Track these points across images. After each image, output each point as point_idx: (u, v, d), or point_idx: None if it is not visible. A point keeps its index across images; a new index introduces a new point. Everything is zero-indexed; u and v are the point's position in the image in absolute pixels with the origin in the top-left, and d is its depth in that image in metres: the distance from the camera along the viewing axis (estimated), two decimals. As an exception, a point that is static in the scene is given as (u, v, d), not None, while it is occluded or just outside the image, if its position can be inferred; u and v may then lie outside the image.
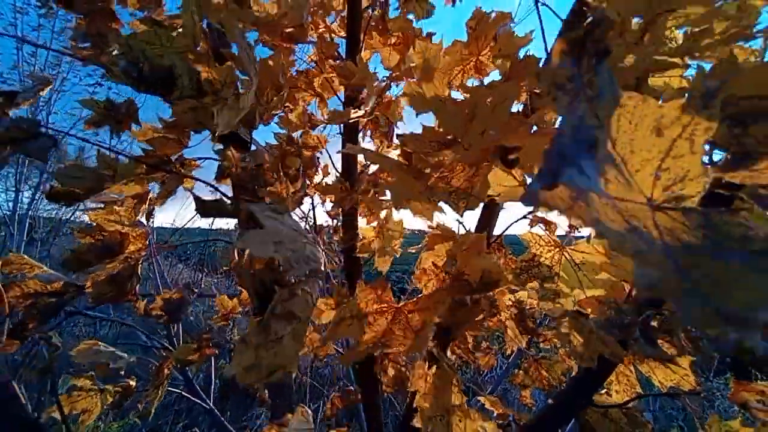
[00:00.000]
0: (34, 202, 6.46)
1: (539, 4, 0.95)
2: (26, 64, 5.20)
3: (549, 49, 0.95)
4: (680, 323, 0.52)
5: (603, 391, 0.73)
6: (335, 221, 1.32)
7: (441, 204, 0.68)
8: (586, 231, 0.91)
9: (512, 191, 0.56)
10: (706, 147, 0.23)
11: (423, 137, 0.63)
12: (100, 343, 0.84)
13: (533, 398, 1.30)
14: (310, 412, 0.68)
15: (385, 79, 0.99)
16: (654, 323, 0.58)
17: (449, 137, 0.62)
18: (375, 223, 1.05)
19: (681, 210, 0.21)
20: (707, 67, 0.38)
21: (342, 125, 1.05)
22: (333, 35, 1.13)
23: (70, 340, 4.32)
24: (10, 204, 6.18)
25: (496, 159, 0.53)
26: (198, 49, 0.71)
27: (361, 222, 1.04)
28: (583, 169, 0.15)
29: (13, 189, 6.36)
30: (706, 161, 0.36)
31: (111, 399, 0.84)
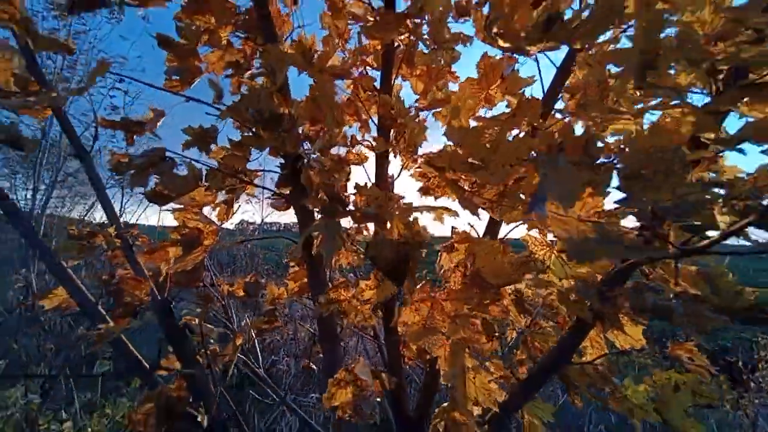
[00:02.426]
0: (48, 200, 6.66)
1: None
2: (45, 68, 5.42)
3: (546, 89, 1.18)
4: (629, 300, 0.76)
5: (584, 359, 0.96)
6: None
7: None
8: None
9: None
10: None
11: (453, 160, 0.86)
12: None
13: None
14: (368, 362, 0.91)
15: (414, 108, 1.22)
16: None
17: (476, 163, 0.85)
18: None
19: (592, 222, 0.45)
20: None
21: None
22: (369, 67, 1.37)
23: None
24: (24, 203, 6.40)
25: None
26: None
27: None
28: (543, 203, 0.38)
29: (32, 188, 6.56)
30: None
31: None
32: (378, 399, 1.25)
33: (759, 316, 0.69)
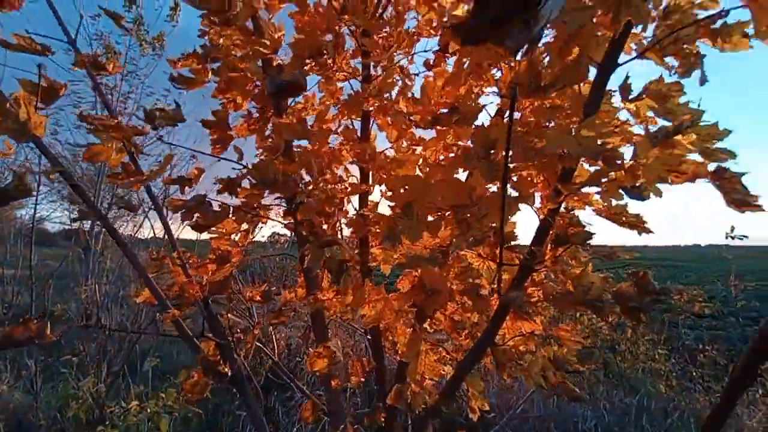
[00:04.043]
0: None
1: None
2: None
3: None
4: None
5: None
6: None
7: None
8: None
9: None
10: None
11: (399, 198, 1.23)
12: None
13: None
14: (339, 342, 1.28)
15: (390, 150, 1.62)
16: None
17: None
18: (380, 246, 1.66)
19: (430, 249, 0.81)
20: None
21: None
22: (352, 120, 1.77)
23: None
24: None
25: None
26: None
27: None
28: (393, 239, 0.72)
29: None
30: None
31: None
32: (362, 379, 1.61)
33: (595, 305, 1.00)
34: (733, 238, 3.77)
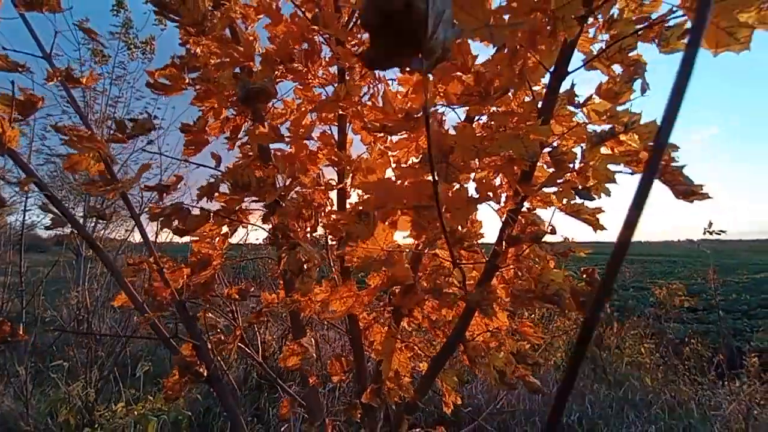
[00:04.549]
0: (96, 224, 7.46)
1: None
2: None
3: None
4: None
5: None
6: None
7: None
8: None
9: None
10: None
11: (372, 204, 1.27)
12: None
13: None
14: (314, 339, 1.33)
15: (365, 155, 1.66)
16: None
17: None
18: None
19: (386, 250, 0.86)
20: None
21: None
22: (330, 125, 1.81)
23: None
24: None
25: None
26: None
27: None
28: (350, 240, 0.77)
29: (82, 215, 7.42)
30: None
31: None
32: (343, 377, 1.66)
33: (553, 300, 1.06)
34: (711, 233, 3.85)
